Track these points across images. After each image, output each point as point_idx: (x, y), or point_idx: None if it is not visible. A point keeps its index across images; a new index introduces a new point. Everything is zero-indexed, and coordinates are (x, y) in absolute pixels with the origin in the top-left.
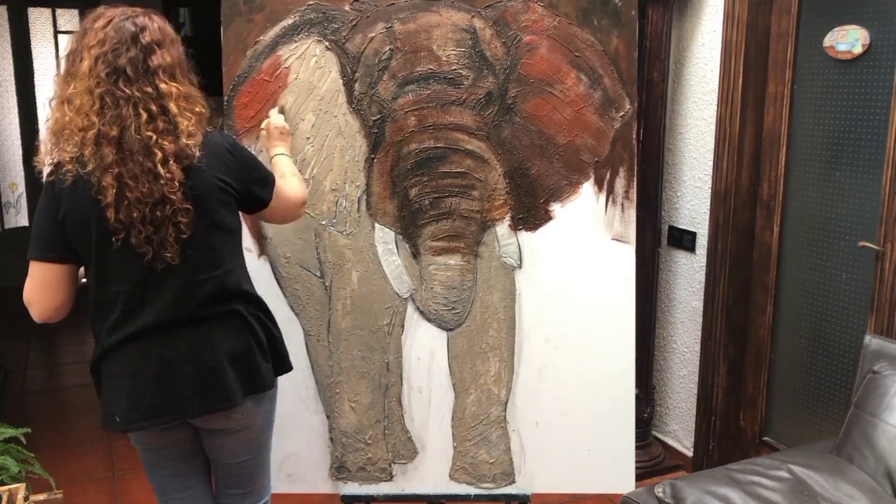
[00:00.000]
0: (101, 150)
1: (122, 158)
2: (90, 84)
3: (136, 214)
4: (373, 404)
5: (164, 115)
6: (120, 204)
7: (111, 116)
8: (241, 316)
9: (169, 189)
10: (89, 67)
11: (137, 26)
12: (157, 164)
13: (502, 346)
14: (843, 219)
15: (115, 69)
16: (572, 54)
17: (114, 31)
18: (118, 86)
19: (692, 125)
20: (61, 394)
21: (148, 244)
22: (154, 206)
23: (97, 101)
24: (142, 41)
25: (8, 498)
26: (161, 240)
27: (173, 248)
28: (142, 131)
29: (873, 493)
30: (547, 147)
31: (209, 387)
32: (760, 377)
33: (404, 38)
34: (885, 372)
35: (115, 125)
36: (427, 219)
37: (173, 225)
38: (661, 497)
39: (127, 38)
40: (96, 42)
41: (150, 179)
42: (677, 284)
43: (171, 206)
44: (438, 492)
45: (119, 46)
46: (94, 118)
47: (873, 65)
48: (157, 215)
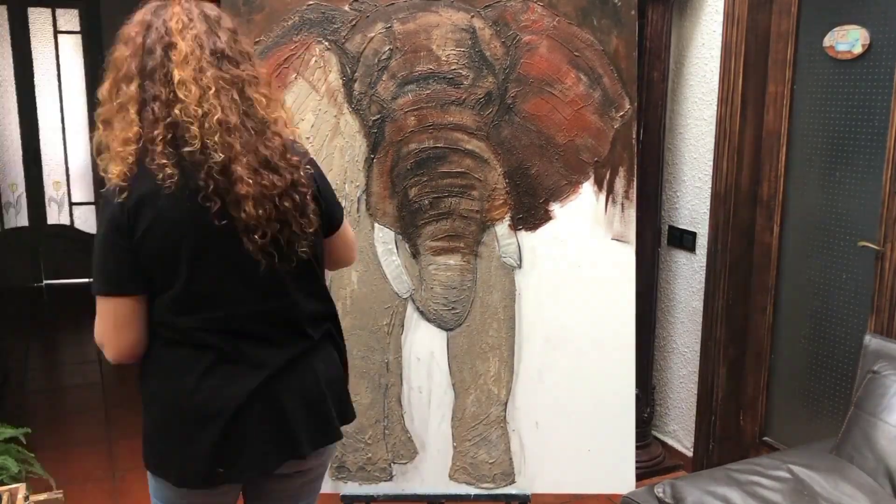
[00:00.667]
0: (225, 138)
1: (244, 150)
2: (194, 69)
3: (261, 212)
4: (373, 404)
5: (274, 103)
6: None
7: (227, 100)
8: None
9: (298, 175)
10: (191, 50)
11: (214, 13)
12: (277, 151)
13: (502, 346)
14: (843, 219)
15: (214, 51)
16: (572, 54)
17: (197, 16)
18: (224, 68)
19: (692, 125)
20: (61, 394)
21: (273, 246)
22: (280, 197)
23: (213, 84)
24: (225, 25)
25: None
26: (289, 237)
27: (307, 242)
28: (258, 113)
29: (873, 493)
30: (547, 147)
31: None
32: (760, 377)
33: (404, 38)
34: (885, 372)
35: (234, 110)
36: (427, 219)
37: (303, 217)
38: (661, 497)
39: (212, 22)
40: (183, 24)
41: (271, 170)
42: (677, 284)
43: (300, 196)
44: (438, 492)
45: (210, 29)
46: (214, 102)
47: (873, 65)
48: (286, 206)
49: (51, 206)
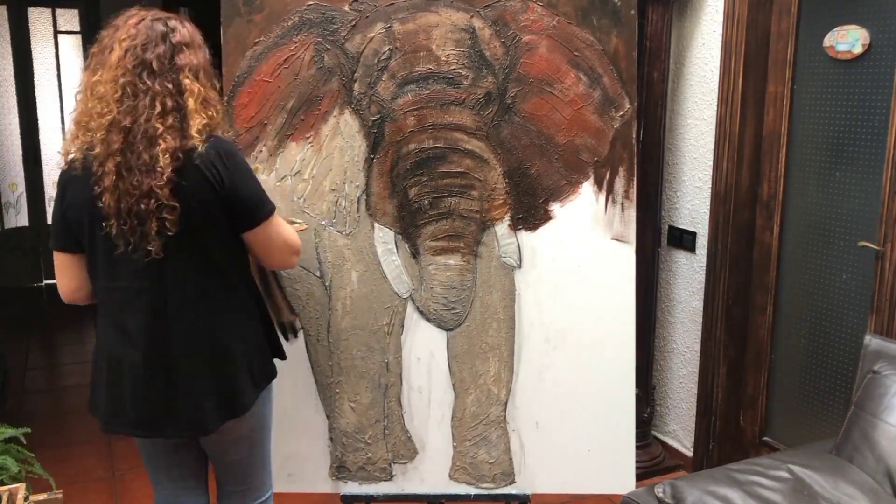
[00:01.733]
0: (110, 136)
1: (125, 149)
2: (116, 73)
3: (123, 205)
4: (373, 404)
5: (177, 112)
6: (113, 193)
7: (128, 106)
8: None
9: (157, 183)
10: (118, 58)
11: (168, 27)
12: (154, 157)
13: (502, 346)
14: (843, 219)
15: (141, 62)
16: (572, 54)
17: (145, 28)
18: (141, 77)
19: (692, 125)
20: (61, 394)
21: (131, 235)
22: (140, 198)
23: (119, 90)
24: (171, 40)
25: (8, 498)
26: (143, 233)
27: (156, 242)
28: (151, 121)
29: (873, 493)
30: (546, 147)
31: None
32: (760, 377)
33: (403, 38)
34: (885, 372)
35: (129, 115)
36: (426, 219)
37: (158, 220)
38: (661, 497)
39: (157, 36)
40: (127, 36)
41: (142, 171)
42: (677, 284)
43: (155, 200)
44: (438, 492)
45: (148, 42)
46: (112, 106)
47: (873, 65)
48: (142, 208)
49: (51, 206)
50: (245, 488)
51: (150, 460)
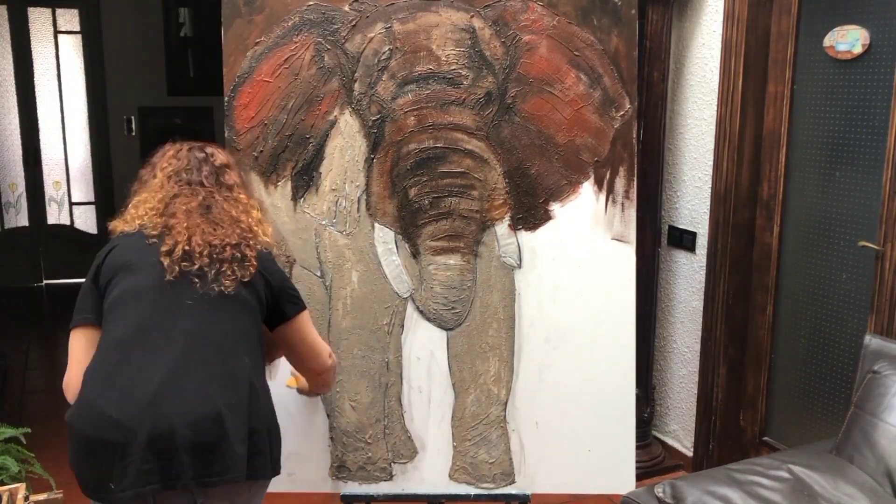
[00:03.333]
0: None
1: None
2: (164, 193)
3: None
4: (373, 404)
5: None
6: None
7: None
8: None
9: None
10: (161, 183)
11: (206, 153)
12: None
13: (502, 345)
14: (843, 219)
15: (188, 183)
16: (572, 54)
17: (184, 156)
18: (191, 188)
19: (692, 125)
20: (61, 394)
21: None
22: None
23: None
24: (213, 163)
25: (8, 498)
26: (217, 272)
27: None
28: (230, 212)
29: (873, 493)
30: (547, 147)
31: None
32: (760, 377)
33: (403, 38)
34: (885, 372)
35: (193, 199)
36: (427, 218)
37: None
38: (661, 497)
39: (199, 160)
40: (167, 164)
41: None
42: (677, 284)
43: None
44: (438, 492)
45: (191, 167)
46: (169, 200)
47: (873, 65)
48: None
49: (51, 206)
50: None
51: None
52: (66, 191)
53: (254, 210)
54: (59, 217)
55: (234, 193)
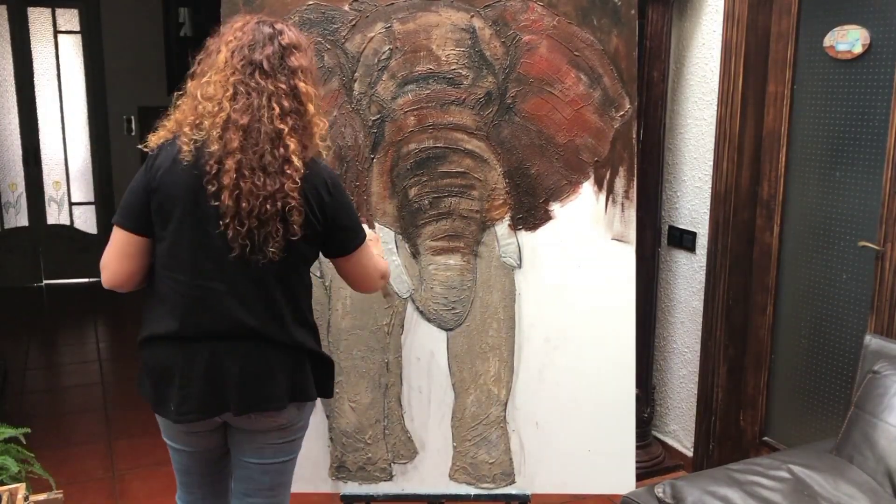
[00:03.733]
0: (228, 135)
1: (246, 147)
2: (226, 74)
3: (244, 205)
4: (373, 404)
5: (296, 116)
6: (233, 192)
7: (243, 105)
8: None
9: (289, 185)
10: (225, 59)
11: (275, 29)
12: (279, 158)
13: (502, 346)
14: (843, 219)
15: (250, 62)
16: (572, 54)
17: (251, 29)
18: (254, 77)
19: (692, 125)
20: (61, 394)
21: (248, 238)
22: (266, 199)
23: (231, 88)
24: (280, 41)
25: (8, 498)
26: (264, 235)
27: (278, 245)
28: (274, 122)
29: (873, 493)
30: (547, 147)
31: (256, 384)
32: (760, 377)
33: (404, 38)
34: (885, 372)
35: (245, 113)
36: (427, 218)
37: (283, 222)
38: (661, 497)
39: (265, 37)
40: (234, 38)
41: (267, 173)
42: (677, 284)
43: (284, 203)
44: (438, 492)
45: (255, 43)
46: (225, 104)
47: (873, 65)
48: (267, 209)
49: (51, 206)
50: (271, 500)
51: (183, 470)
52: (66, 191)
53: (311, 103)
54: (59, 217)
55: (295, 80)
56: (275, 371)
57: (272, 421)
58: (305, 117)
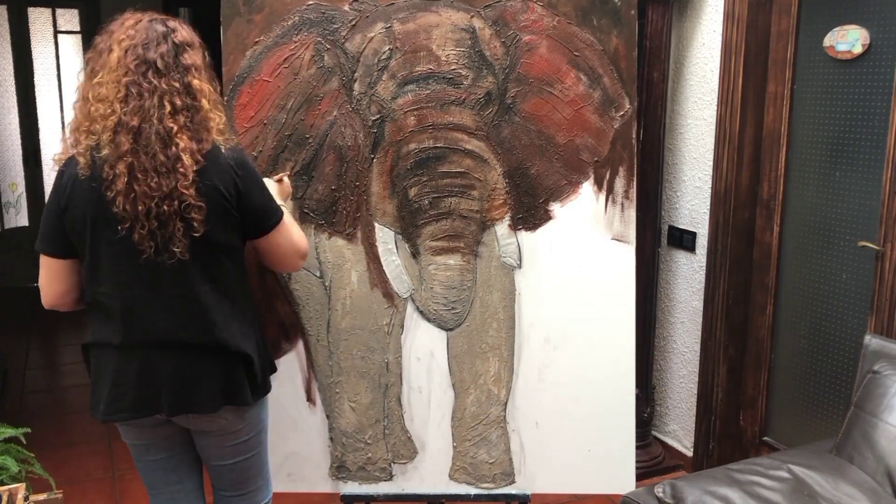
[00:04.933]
0: (118, 139)
1: (137, 150)
2: (118, 74)
3: (141, 208)
4: (373, 404)
5: (188, 112)
6: (128, 195)
7: (134, 106)
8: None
9: (182, 183)
10: (118, 58)
11: (168, 27)
12: (171, 158)
13: (502, 346)
14: (843, 219)
15: (144, 61)
16: (572, 54)
17: (144, 28)
18: (146, 77)
19: (692, 125)
20: (61, 394)
21: (151, 240)
22: (161, 200)
23: (123, 89)
24: (173, 39)
25: (8, 498)
26: (168, 235)
27: (182, 244)
28: (164, 122)
29: (873, 493)
30: (546, 147)
31: (186, 389)
32: (760, 377)
33: (404, 38)
34: (885, 372)
35: (136, 115)
36: (426, 218)
37: (182, 220)
38: (661, 497)
39: (158, 35)
40: (126, 36)
41: (159, 173)
42: (677, 284)
43: (180, 202)
44: (438, 492)
45: (149, 42)
46: (116, 106)
47: (873, 65)
48: (164, 210)
49: None
50: (240, 494)
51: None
52: None
53: (204, 99)
54: None
55: (188, 77)
56: (204, 376)
57: (212, 423)
58: (200, 113)
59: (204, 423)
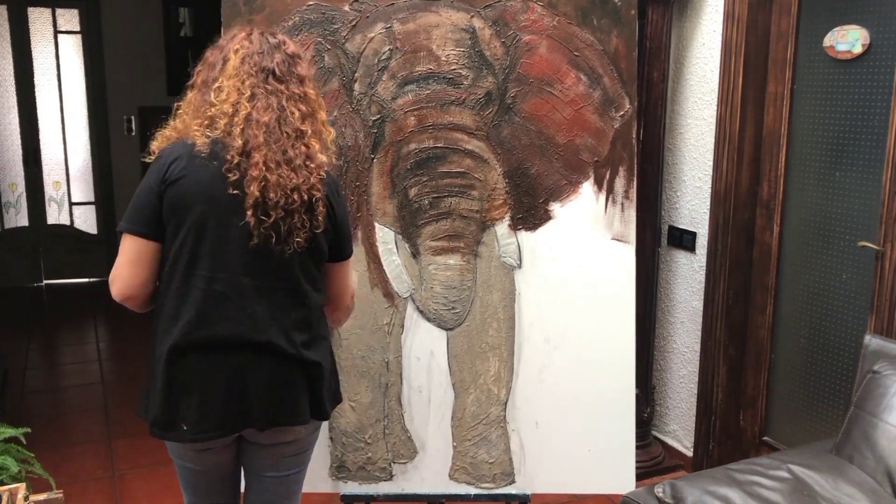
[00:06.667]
0: (250, 131)
1: (269, 141)
2: (239, 79)
3: (272, 196)
4: (373, 404)
5: (311, 119)
6: (261, 182)
7: (262, 104)
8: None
9: (314, 178)
10: (235, 66)
11: (278, 39)
12: (303, 155)
13: (502, 345)
14: (843, 219)
15: (262, 68)
16: (572, 54)
17: (258, 38)
18: (268, 82)
19: (692, 125)
20: (61, 394)
21: (273, 230)
22: (292, 191)
23: (248, 90)
24: (286, 50)
25: (8, 498)
26: (290, 227)
27: (304, 235)
28: (295, 123)
29: (873, 493)
30: (546, 147)
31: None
32: (760, 377)
33: (404, 38)
34: (885, 372)
35: (266, 112)
36: (427, 218)
37: (308, 213)
38: (661, 497)
39: (271, 46)
40: (241, 46)
41: (292, 168)
42: (677, 284)
43: (307, 196)
44: (438, 491)
45: (264, 51)
46: (244, 103)
47: (873, 65)
48: (294, 199)
49: (51, 206)
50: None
51: (198, 486)
52: (66, 191)
53: (321, 111)
54: (59, 217)
55: (304, 87)
56: (298, 385)
57: (293, 435)
58: (317, 124)
59: (284, 436)
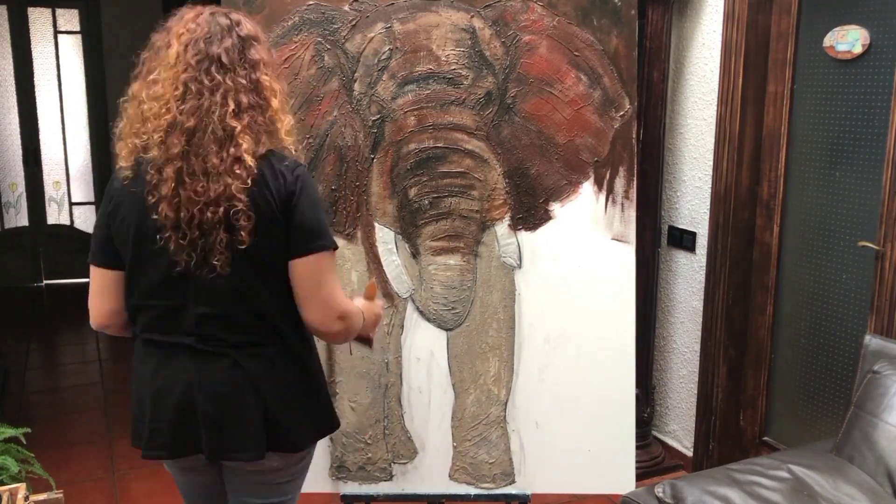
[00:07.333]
0: (170, 140)
1: (188, 152)
2: (176, 70)
3: (183, 214)
4: (373, 404)
5: (255, 112)
6: (171, 201)
7: (191, 106)
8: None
9: (236, 187)
10: (177, 54)
11: (232, 19)
12: (226, 160)
13: (502, 346)
14: (843, 219)
15: (206, 56)
16: (572, 54)
17: (206, 21)
18: (209, 73)
19: (692, 125)
20: (61, 394)
21: (192, 251)
22: (206, 206)
23: (180, 87)
24: (238, 33)
25: (8, 498)
26: (208, 246)
27: (223, 257)
28: (225, 121)
29: (873, 493)
30: (546, 147)
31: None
32: (760, 377)
33: (404, 38)
34: (885, 372)
35: (193, 115)
36: (427, 219)
37: (227, 231)
38: (661, 497)
39: (222, 28)
40: (186, 30)
41: (209, 177)
42: (677, 284)
43: (227, 209)
44: (438, 492)
45: (212, 35)
46: (172, 105)
47: (873, 65)
48: (208, 217)
49: (51, 206)
50: None
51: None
52: (66, 191)
53: (274, 98)
54: (59, 217)
55: (257, 74)
56: (250, 414)
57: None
58: (268, 113)
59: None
